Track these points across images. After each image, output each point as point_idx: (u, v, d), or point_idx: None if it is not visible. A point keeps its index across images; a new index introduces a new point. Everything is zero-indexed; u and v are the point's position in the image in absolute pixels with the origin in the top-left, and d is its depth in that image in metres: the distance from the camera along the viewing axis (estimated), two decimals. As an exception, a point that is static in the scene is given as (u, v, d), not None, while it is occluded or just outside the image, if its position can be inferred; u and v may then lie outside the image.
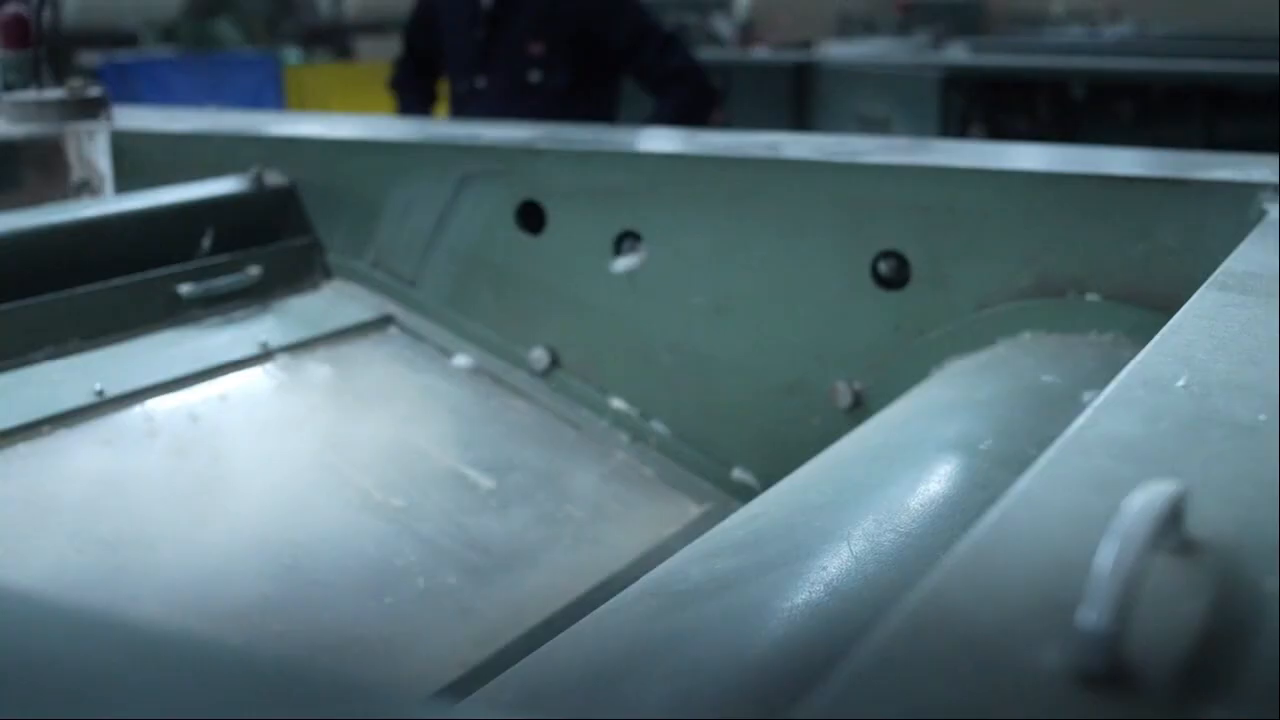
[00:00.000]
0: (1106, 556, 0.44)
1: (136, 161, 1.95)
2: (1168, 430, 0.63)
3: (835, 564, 0.89)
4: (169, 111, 2.44)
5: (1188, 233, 1.30)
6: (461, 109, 3.48)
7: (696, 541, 1.01)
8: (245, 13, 10.53)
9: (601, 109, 3.43)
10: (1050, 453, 0.61)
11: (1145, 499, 0.47)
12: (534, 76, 3.33)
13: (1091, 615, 0.42)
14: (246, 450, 1.44)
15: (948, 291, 1.44)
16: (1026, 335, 1.39)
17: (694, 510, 1.55)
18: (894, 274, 1.47)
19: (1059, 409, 1.17)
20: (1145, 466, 0.57)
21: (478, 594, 1.29)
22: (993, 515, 0.54)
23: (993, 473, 1.06)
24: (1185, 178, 1.31)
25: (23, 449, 1.33)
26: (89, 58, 8.19)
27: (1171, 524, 0.48)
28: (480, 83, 3.40)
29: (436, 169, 1.73)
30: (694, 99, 3.37)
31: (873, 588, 0.86)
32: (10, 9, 2.22)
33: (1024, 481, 0.57)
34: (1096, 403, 0.68)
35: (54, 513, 1.27)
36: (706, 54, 5.44)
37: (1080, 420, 0.65)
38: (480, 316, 1.73)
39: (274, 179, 1.80)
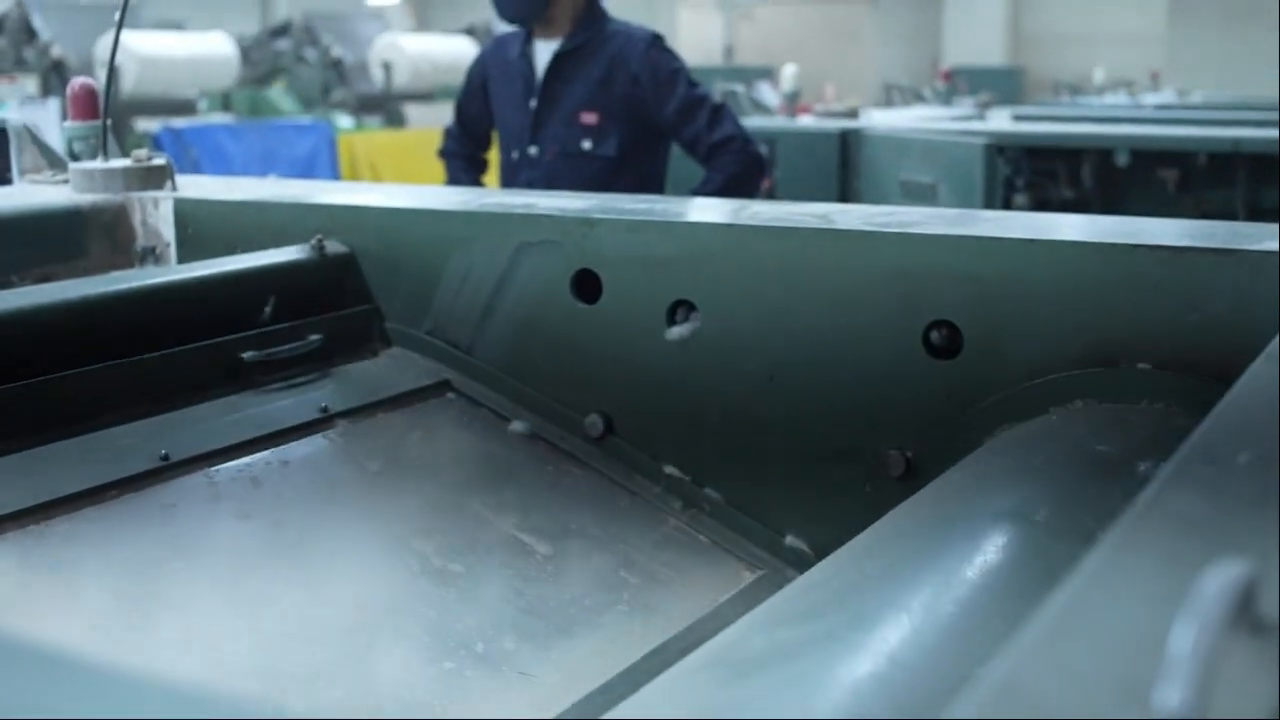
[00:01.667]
0: (1184, 637, 0.44)
1: (199, 229, 1.99)
2: (1234, 507, 0.64)
3: (896, 635, 0.89)
4: (230, 180, 2.49)
5: (1238, 303, 1.31)
6: (512, 176, 3.55)
7: (757, 609, 1.02)
8: (299, 81, 10.76)
9: (650, 176, 3.49)
10: (1117, 530, 0.62)
11: (1219, 579, 0.48)
12: (585, 145, 3.40)
13: (1172, 696, 0.43)
14: (307, 514, 1.46)
15: (1000, 361, 1.44)
16: (1079, 404, 1.40)
17: (747, 576, 1.56)
18: (946, 343, 1.48)
19: (1114, 479, 1.17)
20: (1214, 544, 0.58)
21: (536, 658, 1.30)
22: (1063, 593, 0.55)
23: (1050, 544, 1.07)
24: (1235, 248, 1.32)
25: (90, 513, 1.36)
26: (146, 125, 8.39)
27: (1244, 604, 0.49)
28: (532, 151, 3.47)
29: (494, 238, 1.76)
30: (742, 169, 3.42)
31: (935, 659, 0.86)
32: (80, 81, 2.29)
33: (1092, 558, 0.58)
34: (1161, 477, 0.69)
35: (119, 576, 1.30)
36: (753, 122, 5.50)
37: (1145, 496, 0.66)
38: (536, 383, 1.75)
39: (334, 247, 1.83)
